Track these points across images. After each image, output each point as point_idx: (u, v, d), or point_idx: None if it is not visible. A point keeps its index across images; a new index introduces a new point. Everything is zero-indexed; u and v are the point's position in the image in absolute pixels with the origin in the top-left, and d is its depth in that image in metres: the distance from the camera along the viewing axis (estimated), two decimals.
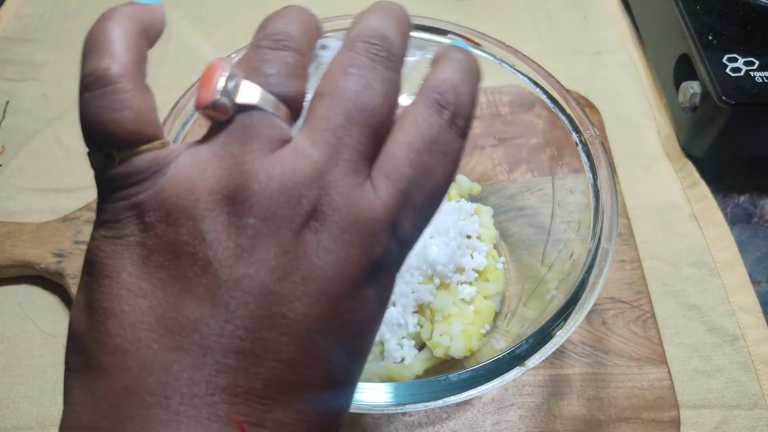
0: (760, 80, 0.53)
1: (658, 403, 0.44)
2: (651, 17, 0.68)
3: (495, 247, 0.50)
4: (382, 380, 0.43)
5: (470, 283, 0.46)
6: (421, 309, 0.45)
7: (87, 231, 0.50)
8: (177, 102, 0.42)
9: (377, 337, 0.43)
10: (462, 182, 0.52)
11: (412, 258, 0.44)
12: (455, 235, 0.44)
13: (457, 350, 0.43)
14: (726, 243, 0.54)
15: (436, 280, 0.45)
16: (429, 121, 0.22)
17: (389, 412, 0.32)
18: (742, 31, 0.57)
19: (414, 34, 0.46)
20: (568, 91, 0.43)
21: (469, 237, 0.48)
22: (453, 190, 0.52)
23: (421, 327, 0.44)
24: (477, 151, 0.54)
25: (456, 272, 0.46)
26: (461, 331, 0.43)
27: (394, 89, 0.23)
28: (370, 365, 0.44)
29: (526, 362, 0.33)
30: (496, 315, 0.46)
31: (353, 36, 0.23)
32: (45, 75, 0.65)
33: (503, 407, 0.44)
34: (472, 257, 0.47)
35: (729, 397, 0.46)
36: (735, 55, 0.55)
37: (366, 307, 0.21)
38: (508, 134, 0.54)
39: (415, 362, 0.44)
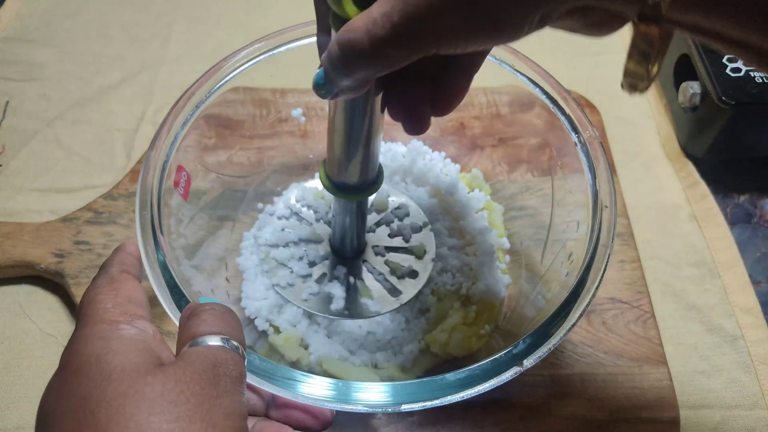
0: (760, 80, 0.53)
1: (658, 403, 0.44)
2: None
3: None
4: (382, 380, 0.43)
5: (473, 283, 0.46)
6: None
7: (87, 231, 0.50)
8: (177, 102, 0.42)
9: (390, 336, 0.44)
10: (477, 176, 0.52)
11: None
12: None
13: (456, 348, 0.43)
14: (726, 243, 0.54)
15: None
16: None
17: (387, 411, 0.32)
18: None
19: None
20: (567, 91, 0.43)
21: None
22: (463, 181, 0.52)
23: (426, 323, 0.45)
24: (477, 151, 0.54)
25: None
26: (461, 330, 0.44)
27: None
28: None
29: (523, 362, 0.33)
30: (497, 315, 0.46)
31: None
32: (45, 75, 0.65)
33: (503, 407, 0.44)
34: (476, 256, 0.47)
35: (729, 398, 0.46)
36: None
37: None
38: (508, 134, 0.54)
39: (416, 363, 0.44)
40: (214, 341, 0.28)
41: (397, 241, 0.48)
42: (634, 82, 0.26)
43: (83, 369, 0.26)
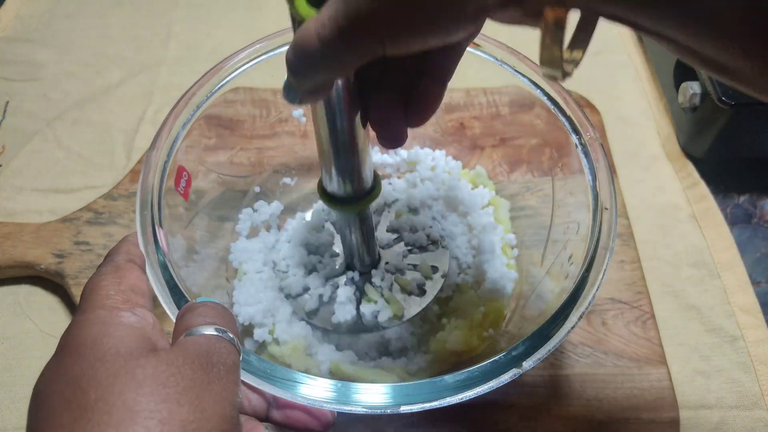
0: None
1: (657, 403, 0.44)
2: None
3: None
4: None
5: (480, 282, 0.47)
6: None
7: (87, 231, 0.50)
8: (177, 102, 0.42)
9: (400, 344, 0.44)
10: (481, 174, 0.52)
11: None
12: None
13: (454, 344, 0.43)
14: (726, 243, 0.54)
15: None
16: None
17: (386, 412, 0.32)
18: None
19: None
20: (568, 92, 0.43)
21: None
22: (466, 179, 0.52)
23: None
24: (477, 152, 0.54)
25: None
26: (462, 328, 0.44)
27: None
28: (377, 362, 0.44)
29: (522, 364, 0.33)
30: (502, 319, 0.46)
31: None
32: (45, 75, 0.65)
33: (503, 407, 0.44)
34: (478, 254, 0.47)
35: (728, 398, 0.46)
36: None
37: None
38: (508, 135, 0.54)
39: (421, 370, 0.44)
40: (209, 331, 0.29)
41: (412, 259, 0.48)
42: (551, 71, 0.25)
43: (78, 351, 0.27)
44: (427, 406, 0.32)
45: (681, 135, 0.60)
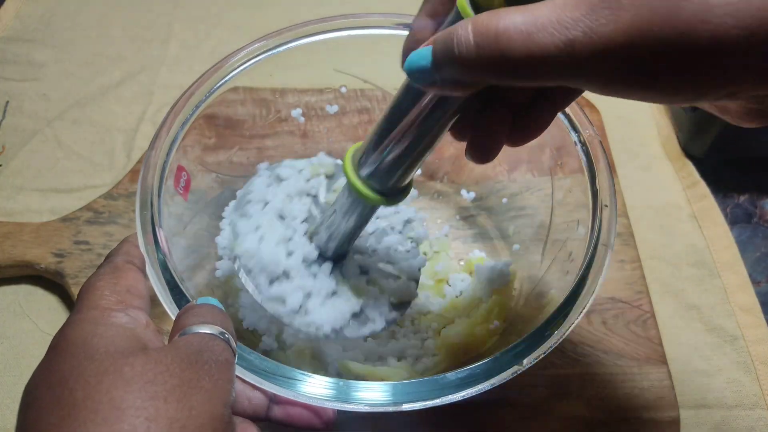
0: None
1: (658, 403, 0.44)
2: None
3: (494, 247, 0.50)
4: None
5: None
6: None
7: (87, 231, 0.50)
8: (176, 102, 0.42)
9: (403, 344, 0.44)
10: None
11: None
12: None
13: (458, 337, 0.43)
14: (726, 243, 0.54)
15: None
16: None
17: (387, 410, 0.32)
18: None
19: None
20: None
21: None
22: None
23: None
24: None
25: None
26: (465, 323, 0.44)
27: None
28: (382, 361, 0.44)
29: (523, 361, 0.33)
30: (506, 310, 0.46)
31: None
32: (45, 75, 0.65)
33: (503, 407, 0.44)
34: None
35: (729, 398, 0.46)
36: None
37: None
38: None
39: (428, 368, 0.43)
40: (202, 329, 0.29)
41: (378, 256, 0.43)
42: None
43: (68, 350, 0.27)
44: (429, 404, 0.32)
45: (681, 135, 0.60)
